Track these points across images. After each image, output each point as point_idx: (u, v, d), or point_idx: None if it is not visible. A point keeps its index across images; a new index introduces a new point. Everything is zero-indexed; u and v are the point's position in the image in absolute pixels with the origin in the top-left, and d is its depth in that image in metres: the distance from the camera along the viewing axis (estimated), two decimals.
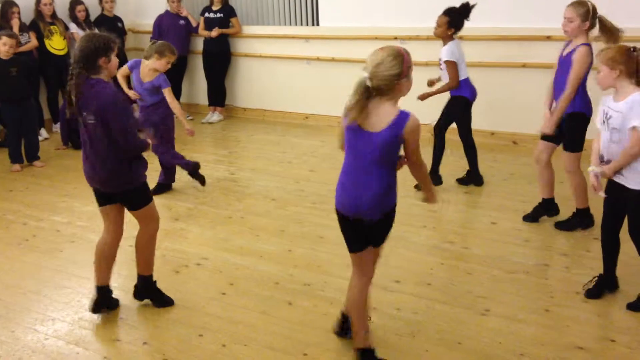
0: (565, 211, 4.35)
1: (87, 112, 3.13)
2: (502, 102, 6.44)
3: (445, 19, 4.96)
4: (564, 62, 4.03)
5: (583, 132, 4.10)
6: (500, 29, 6.25)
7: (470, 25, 6.29)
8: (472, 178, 5.26)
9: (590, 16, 3.90)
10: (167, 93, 5.06)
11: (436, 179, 5.17)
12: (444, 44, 5.01)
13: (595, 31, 3.92)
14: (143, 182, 3.34)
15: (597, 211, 3.65)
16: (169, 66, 5.09)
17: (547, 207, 4.43)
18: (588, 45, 3.93)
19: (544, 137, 4.22)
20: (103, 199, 3.34)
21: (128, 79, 5.32)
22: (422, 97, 4.99)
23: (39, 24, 7.32)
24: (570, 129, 4.09)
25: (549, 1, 5.88)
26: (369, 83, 2.56)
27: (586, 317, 3.27)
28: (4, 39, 6.01)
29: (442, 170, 5.26)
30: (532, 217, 4.45)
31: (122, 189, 3.27)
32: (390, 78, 2.56)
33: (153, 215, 3.41)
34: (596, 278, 3.45)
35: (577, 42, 3.97)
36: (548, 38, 5.88)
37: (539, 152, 4.30)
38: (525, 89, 6.21)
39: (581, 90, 3.99)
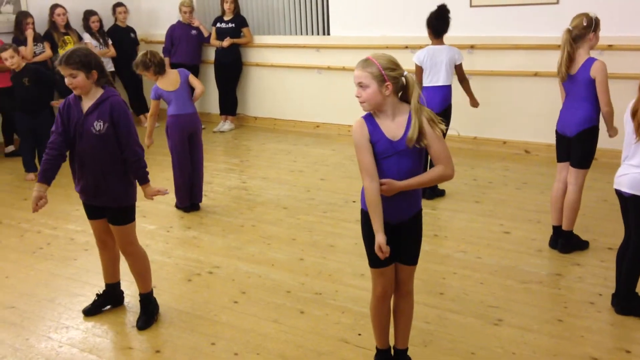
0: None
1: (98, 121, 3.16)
2: (513, 111, 6.44)
3: None
4: (576, 79, 3.93)
5: (596, 146, 3.97)
6: (512, 38, 6.26)
7: (482, 35, 6.38)
8: (436, 191, 5.19)
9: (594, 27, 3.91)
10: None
11: (439, 192, 5.19)
12: None
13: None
14: (134, 203, 3.39)
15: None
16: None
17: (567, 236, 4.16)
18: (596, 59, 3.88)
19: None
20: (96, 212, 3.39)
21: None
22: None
23: (53, 35, 7.42)
24: (586, 145, 3.92)
25: (560, 10, 5.91)
26: None
27: (600, 327, 3.25)
28: (9, 51, 6.02)
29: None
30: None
31: (117, 204, 3.30)
32: None
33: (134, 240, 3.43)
34: None
35: (583, 58, 3.92)
36: (559, 47, 5.86)
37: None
38: (537, 98, 6.21)
39: (596, 103, 3.89)
